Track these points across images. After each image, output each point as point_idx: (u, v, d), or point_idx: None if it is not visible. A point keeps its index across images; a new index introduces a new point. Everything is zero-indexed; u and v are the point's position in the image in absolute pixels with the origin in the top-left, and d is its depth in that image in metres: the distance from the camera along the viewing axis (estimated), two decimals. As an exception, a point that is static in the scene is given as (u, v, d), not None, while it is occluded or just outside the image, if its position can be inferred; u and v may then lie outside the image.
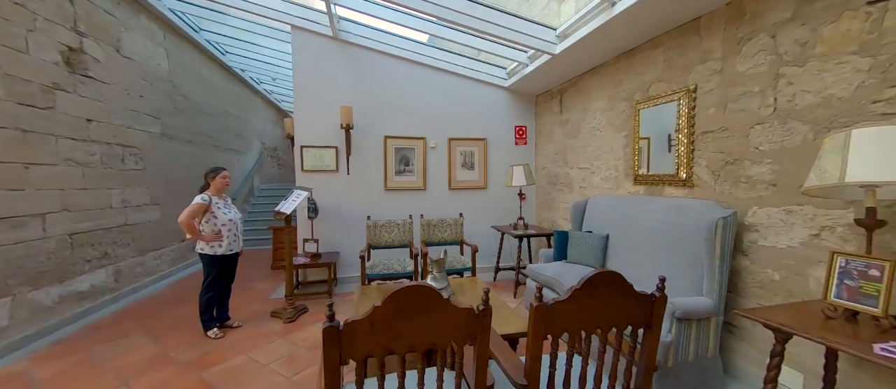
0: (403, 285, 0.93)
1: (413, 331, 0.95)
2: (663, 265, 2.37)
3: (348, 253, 4.10)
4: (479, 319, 0.99)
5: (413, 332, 0.95)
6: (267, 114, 9.00)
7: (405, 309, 0.93)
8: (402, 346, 0.95)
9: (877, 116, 1.54)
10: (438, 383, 1.02)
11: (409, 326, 0.94)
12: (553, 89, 4.16)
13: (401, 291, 0.92)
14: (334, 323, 0.89)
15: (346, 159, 4.04)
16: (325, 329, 0.87)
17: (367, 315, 0.90)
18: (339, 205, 4.08)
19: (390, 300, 0.91)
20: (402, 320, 0.93)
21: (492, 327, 1.06)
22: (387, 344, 0.93)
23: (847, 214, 1.65)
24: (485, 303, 1.00)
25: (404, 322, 0.94)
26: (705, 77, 2.32)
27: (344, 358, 0.91)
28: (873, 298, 1.28)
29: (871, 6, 1.55)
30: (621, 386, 1.18)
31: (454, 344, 1.00)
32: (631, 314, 1.10)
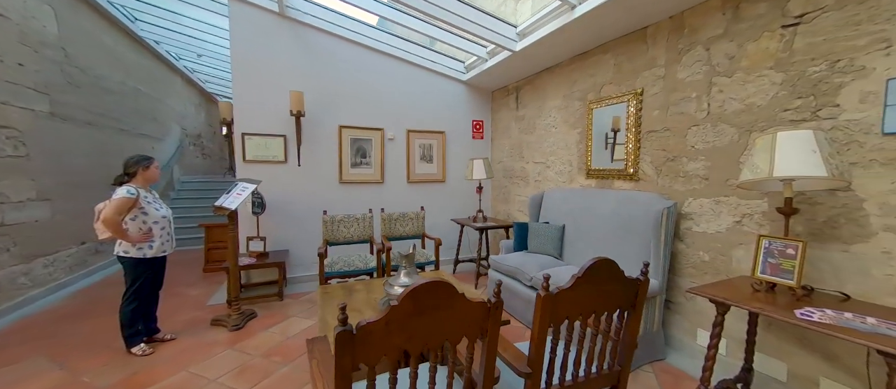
0: (427, 281, 0.88)
1: (428, 329, 0.91)
2: (615, 251, 2.60)
3: (299, 251, 3.81)
4: (490, 312, 0.99)
5: (428, 330, 0.91)
6: (188, 95, 7.90)
7: (422, 306, 0.88)
8: (416, 345, 0.90)
9: (787, 123, 1.87)
10: (449, 380, 0.99)
11: (424, 324, 0.90)
12: (510, 86, 4.30)
13: (419, 288, 0.87)
14: (347, 326, 0.81)
15: (297, 149, 3.72)
16: (340, 333, 0.79)
17: (384, 315, 0.84)
18: (289, 199, 3.75)
19: (408, 298, 0.86)
20: (418, 318, 0.89)
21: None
22: (402, 345, 0.88)
23: (762, 204, 1.98)
24: (496, 296, 0.99)
25: (419, 320, 0.89)
26: (651, 82, 2.58)
27: (356, 363, 0.84)
28: (790, 272, 1.55)
29: (785, 29, 1.86)
30: (607, 365, 1.27)
31: (466, 340, 0.98)
32: (620, 298, 1.19)
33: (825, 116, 1.73)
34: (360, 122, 4.01)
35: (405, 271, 2.14)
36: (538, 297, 1.04)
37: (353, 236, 3.38)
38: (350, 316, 1.97)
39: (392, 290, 2.07)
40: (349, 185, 4.02)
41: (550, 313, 1.05)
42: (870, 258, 1.60)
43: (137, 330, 2.34)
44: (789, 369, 1.88)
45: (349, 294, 2.37)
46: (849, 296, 1.56)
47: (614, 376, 1.29)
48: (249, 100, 3.56)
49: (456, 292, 0.93)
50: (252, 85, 3.56)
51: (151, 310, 2.50)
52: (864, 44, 1.60)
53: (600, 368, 1.24)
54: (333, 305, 2.16)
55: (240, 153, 3.58)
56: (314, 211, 3.83)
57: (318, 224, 3.78)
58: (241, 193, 2.75)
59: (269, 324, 2.81)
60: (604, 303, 1.16)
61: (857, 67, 1.62)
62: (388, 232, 3.54)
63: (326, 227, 3.30)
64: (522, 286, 2.82)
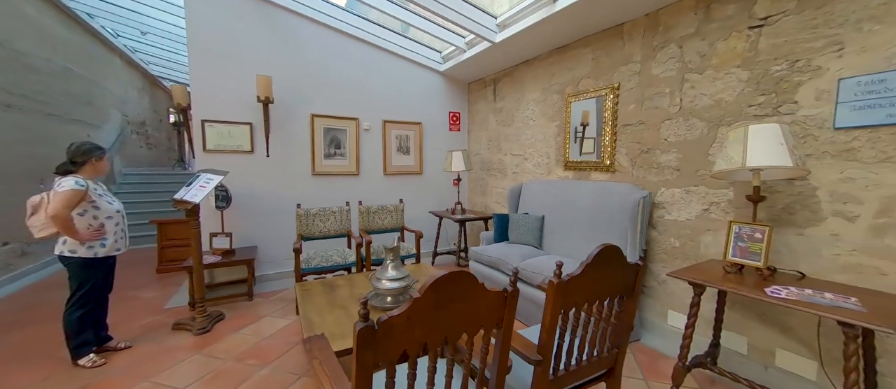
0: (448, 272, 0.84)
1: (448, 321, 0.87)
2: (593, 239, 2.71)
3: (268, 247, 3.58)
4: (507, 301, 0.97)
5: (448, 322, 0.87)
6: (130, 78, 7.11)
7: (443, 298, 0.84)
8: (437, 339, 0.86)
9: (751, 117, 2.02)
10: (466, 373, 0.97)
11: (444, 316, 0.86)
12: (487, 78, 4.30)
13: (441, 280, 0.83)
14: (369, 322, 0.75)
15: (266, 138, 3.47)
16: (361, 329, 0.73)
17: (406, 309, 0.79)
18: (257, 193, 3.51)
19: (430, 290, 0.81)
20: (439, 310, 0.85)
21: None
22: (422, 339, 0.84)
23: (729, 193, 2.14)
24: (513, 285, 0.98)
25: (440, 312, 0.85)
26: (627, 77, 2.69)
27: (377, 360, 0.79)
28: (757, 255, 1.69)
29: (751, 30, 2.01)
30: (606, 349, 1.31)
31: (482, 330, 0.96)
32: (621, 283, 1.22)
33: (785, 112, 1.89)
34: (334, 111, 3.82)
35: (393, 264, 2.08)
36: (550, 284, 1.04)
37: (329, 230, 3.24)
38: (334, 313, 1.89)
39: (379, 284, 2.00)
40: (323, 177, 3.83)
41: (562, 300, 1.06)
42: (820, 240, 1.79)
43: (86, 340, 2.07)
44: (749, 342, 2.07)
45: (331, 290, 2.27)
46: (804, 275, 1.74)
47: (612, 358, 1.33)
48: (210, 84, 3.26)
49: (476, 282, 0.90)
50: (213, 67, 3.26)
51: (101, 317, 2.23)
52: (820, 46, 1.76)
53: (601, 351, 1.27)
54: (315, 303, 2.06)
55: (199, 142, 3.27)
56: (285, 205, 3.62)
57: (290, 218, 3.58)
58: (205, 185, 2.52)
59: (240, 326, 2.62)
60: (608, 289, 1.19)
61: (813, 67, 1.79)
62: (366, 225, 3.42)
63: (301, 221, 3.12)
64: (506, 276, 2.86)
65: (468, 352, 0.96)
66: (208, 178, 2.57)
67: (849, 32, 1.67)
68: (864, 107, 1.63)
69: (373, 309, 1.98)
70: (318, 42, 3.68)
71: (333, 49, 3.76)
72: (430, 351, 0.87)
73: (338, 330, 1.72)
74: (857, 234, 1.68)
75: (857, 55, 1.65)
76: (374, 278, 2.08)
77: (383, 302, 2.04)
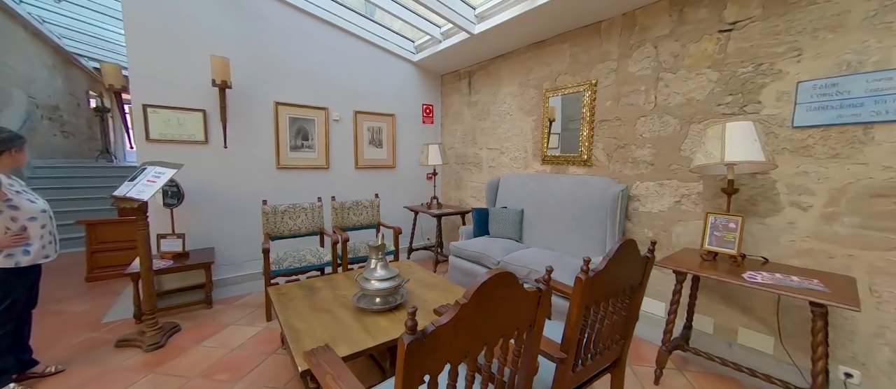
0: (493, 273, 0.77)
1: (489, 326, 0.81)
2: (573, 231, 2.79)
3: (227, 248, 3.25)
4: (541, 300, 0.93)
5: (489, 327, 0.81)
6: (38, 54, 6.04)
7: (487, 302, 0.78)
8: (478, 345, 0.80)
9: (720, 115, 2.18)
10: (500, 376, 0.91)
11: (487, 321, 0.80)
12: (462, 70, 4.24)
13: (488, 282, 0.76)
14: (417, 334, 0.66)
15: (223, 128, 3.11)
16: (412, 342, 0.64)
17: (453, 316, 0.71)
18: (212, 188, 3.14)
19: (477, 295, 0.74)
20: (482, 315, 0.78)
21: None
22: (465, 347, 0.77)
23: (698, 186, 2.30)
24: (546, 284, 0.94)
25: (483, 317, 0.79)
26: (604, 74, 2.78)
27: (422, 374, 0.70)
28: (731, 243, 1.83)
29: (721, 34, 2.15)
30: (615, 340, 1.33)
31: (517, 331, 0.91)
32: (634, 275, 1.24)
33: (750, 111, 2.06)
34: (301, 100, 3.54)
35: (380, 263, 1.97)
36: (578, 281, 1.02)
37: (300, 228, 3.00)
38: (319, 318, 1.74)
39: (368, 285, 1.88)
40: (289, 171, 3.54)
41: (589, 295, 1.04)
42: (779, 228, 1.98)
43: (5, 368, 1.70)
44: (715, 323, 2.25)
45: (310, 292, 2.10)
46: (767, 260, 1.92)
47: (618, 349, 1.36)
48: (153, 63, 2.83)
49: (516, 282, 0.84)
50: (157, 44, 2.84)
51: (23, 337, 1.85)
52: (781, 51, 1.93)
53: (611, 343, 1.29)
54: (295, 307, 1.89)
55: (140, 130, 2.85)
56: (246, 201, 3.29)
57: (252, 216, 3.27)
58: (156, 180, 2.19)
59: (201, 337, 2.33)
60: (624, 282, 1.20)
61: (775, 71, 1.96)
62: (340, 222, 3.22)
63: (267, 219, 2.85)
64: (488, 269, 2.85)
65: (503, 357, 0.90)
66: (158, 172, 2.23)
67: (806, 40, 1.85)
68: (818, 108, 1.82)
69: (361, 312, 1.86)
70: (283, 22, 3.36)
71: (300, 31, 3.46)
72: (471, 359, 0.81)
73: (328, 337, 1.58)
74: (809, 222, 1.88)
75: (813, 61, 1.83)
76: (360, 278, 1.95)
77: (372, 303, 1.92)
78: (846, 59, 1.74)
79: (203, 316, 2.65)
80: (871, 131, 1.69)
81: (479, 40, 3.37)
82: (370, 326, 1.69)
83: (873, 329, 1.73)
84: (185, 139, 3.00)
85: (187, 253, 2.86)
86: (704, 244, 1.92)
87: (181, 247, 2.80)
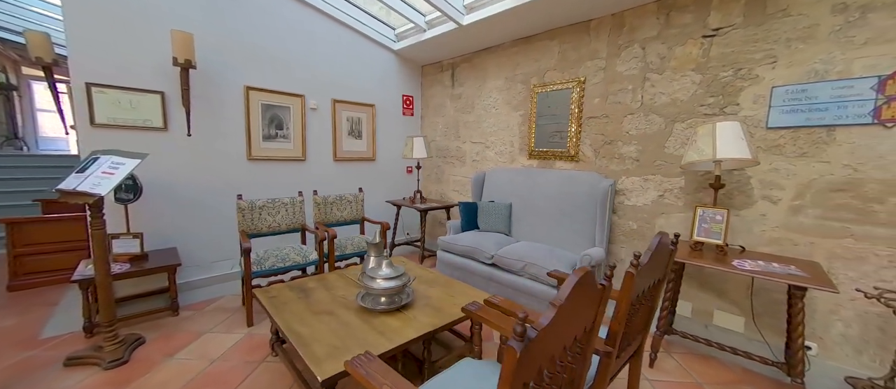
0: (582, 272, 0.74)
1: (571, 327, 0.78)
2: (561, 225, 2.87)
3: (192, 248, 2.92)
4: (602, 295, 0.92)
5: (571, 328, 0.78)
6: (-74, 17, 4.98)
7: (574, 301, 0.75)
8: (561, 347, 0.77)
9: (702, 116, 2.34)
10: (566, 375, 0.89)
11: (569, 321, 0.77)
12: (444, 62, 4.16)
13: (581, 282, 0.73)
14: (525, 341, 0.62)
15: (186, 113, 2.77)
16: (524, 349, 0.59)
17: (552, 318, 0.67)
18: (173, 181, 2.80)
19: (571, 295, 0.71)
20: (568, 316, 0.75)
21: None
22: (554, 351, 0.73)
23: (680, 181, 2.47)
24: (608, 280, 0.93)
25: (568, 317, 0.76)
26: (593, 72, 2.87)
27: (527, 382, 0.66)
28: (718, 234, 1.98)
29: (705, 39, 2.30)
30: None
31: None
32: (661, 268, 1.29)
33: (730, 112, 2.23)
34: (275, 85, 3.25)
35: (385, 261, 1.88)
36: (630, 276, 1.02)
37: (280, 225, 2.77)
38: (323, 322, 1.62)
39: (373, 284, 1.79)
40: (261, 163, 3.25)
41: (636, 288, 1.05)
42: (752, 219, 2.18)
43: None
44: (693, 306, 2.44)
45: (304, 294, 1.97)
46: (744, 248, 2.10)
47: (640, 339, 1.41)
48: (99, 35, 2.44)
49: (595, 280, 0.82)
50: (103, 13, 2.44)
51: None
52: (759, 57, 2.11)
53: (636, 334, 1.33)
54: (292, 310, 1.75)
55: (83, 113, 2.44)
56: (213, 196, 2.98)
57: (221, 211, 2.98)
58: (114, 172, 1.89)
59: (174, 348, 2.08)
60: (654, 275, 1.23)
61: (753, 76, 2.13)
62: (323, 218, 3.03)
63: (244, 215, 2.60)
64: (480, 264, 2.84)
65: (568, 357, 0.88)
66: (116, 163, 1.93)
67: (781, 48, 2.03)
68: (790, 111, 2.01)
69: (367, 312, 1.76)
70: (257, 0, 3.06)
71: (273, 9, 3.17)
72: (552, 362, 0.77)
73: (338, 342, 1.47)
74: (779, 214, 2.09)
75: (787, 68, 2.02)
76: (364, 277, 1.84)
77: (377, 303, 1.83)
78: (815, 68, 1.94)
79: (169, 324, 2.36)
80: (834, 133, 1.90)
81: (465, 32, 3.32)
82: (382, 328, 1.60)
83: (830, 307, 1.97)
84: (140, 125, 2.63)
85: (146, 254, 2.52)
86: (693, 235, 2.06)
87: (139, 249, 2.46)
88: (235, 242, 3.11)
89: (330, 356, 1.37)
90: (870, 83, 1.79)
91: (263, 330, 2.29)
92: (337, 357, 1.35)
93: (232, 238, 3.09)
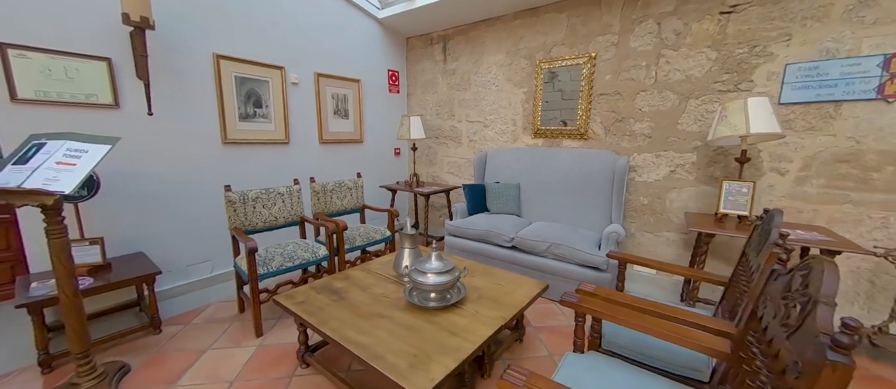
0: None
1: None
2: (576, 204, 2.87)
3: (161, 251, 2.44)
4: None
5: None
6: None
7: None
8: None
9: (716, 92, 2.41)
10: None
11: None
12: (434, 34, 3.86)
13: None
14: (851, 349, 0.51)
15: (145, 86, 2.23)
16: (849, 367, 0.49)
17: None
18: (130, 171, 2.28)
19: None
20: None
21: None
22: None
23: (692, 156, 2.55)
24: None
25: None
26: (604, 47, 2.82)
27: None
28: (744, 206, 2.08)
29: (722, 15, 2.34)
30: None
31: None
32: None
33: (744, 89, 2.32)
34: (250, 54, 2.76)
35: (434, 253, 1.69)
36: (774, 255, 0.97)
37: (277, 219, 2.40)
38: (379, 325, 1.42)
39: (424, 279, 1.61)
40: (239, 147, 2.78)
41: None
42: (761, 189, 2.33)
43: None
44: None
45: (337, 296, 1.73)
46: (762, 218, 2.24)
47: (716, 313, 1.41)
48: (13, -23, 1.82)
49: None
50: (17, -53, 1.82)
51: None
52: (774, 35, 2.19)
53: (723, 309, 1.32)
54: (335, 317, 1.52)
55: (1, 84, 1.85)
56: (184, 187, 2.50)
57: (193, 205, 2.54)
58: (75, 162, 1.44)
59: (172, 374, 1.71)
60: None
61: (768, 53, 2.22)
62: (322, 208, 2.70)
63: (235, 210, 2.20)
64: (499, 248, 2.75)
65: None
66: (76, 150, 1.47)
67: (796, 26, 2.13)
68: (802, 87, 2.14)
69: (422, 311, 1.58)
70: (220, -54, 2.51)
71: (244, -38, 2.64)
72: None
73: (413, 348, 1.29)
74: (786, 185, 2.25)
75: (800, 46, 2.12)
76: (413, 271, 1.65)
77: (425, 299, 1.65)
78: (827, 46, 2.06)
79: (154, 345, 1.95)
80: (841, 108, 2.06)
81: (463, 0, 3.07)
82: (450, 326, 1.44)
83: (827, 267, 2.18)
84: (82, 101, 2.06)
85: (109, 264, 2.03)
86: (719, 208, 2.15)
87: (100, 257, 1.97)
88: (212, 241, 2.66)
89: (414, 366, 1.18)
90: (876, 61, 1.94)
91: (277, 340, 1.99)
92: (422, 368, 1.17)
93: (208, 236, 2.64)
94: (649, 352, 1.22)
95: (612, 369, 1.10)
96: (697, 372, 1.14)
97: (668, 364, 1.18)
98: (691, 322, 1.10)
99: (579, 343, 1.22)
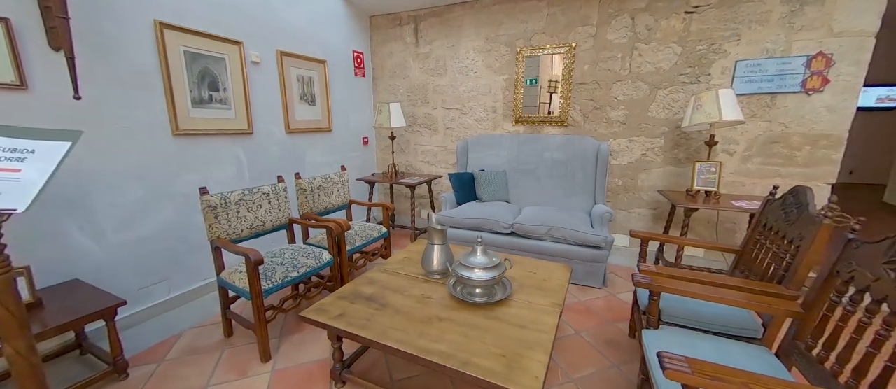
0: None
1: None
2: (562, 187, 3.03)
3: (103, 275, 1.92)
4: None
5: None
6: None
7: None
8: None
9: (681, 84, 2.74)
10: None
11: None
12: (403, 14, 3.62)
13: None
14: None
15: (68, 61, 1.66)
16: None
17: None
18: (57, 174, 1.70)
19: None
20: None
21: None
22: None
23: (660, 141, 2.88)
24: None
25: None
26: (583, 38, 2.98)
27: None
28: (712, 183, 2.43)
29: (686, 14, 2.65)
30: (736, 269, 1.59)
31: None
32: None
33: (703, 81, 2.68)
34: (202, 25, 2.25)
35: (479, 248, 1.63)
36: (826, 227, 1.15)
37: (264, 223, 2.05)
38: (445, 328, 1.38)
39: (471, 275, 1.56)
40: (194, 138, 2.29)
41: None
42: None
43: None
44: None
45: (375, 304, 1.58)
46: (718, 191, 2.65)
47: (730, 277, 1.64)
48: None
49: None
50: None
51: None
52: (727, 35, 2.56)
53: (743, 273, 1.54)
54: (391, 326, 1.41)
55: None
56: (129, 193, 1.98)
57: (141, 214, 2.03)
58: (18, 168, 1.02)
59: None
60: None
61: (722, 50, 2.59)
62: (311, 206, 2.39)
63: (216, 216, 1.81)
64: (497, 235, 2.77)
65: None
66: (16, 150, 1.04)
67: (744, 28, 2.51)
68: (748, 81, 2.55)
69: (477, 308, 1.53)
70: None
71: None
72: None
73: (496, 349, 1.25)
74: (734, 163, 2.70)
75: (747, 45, 2.52)
76: (458, 266, 1.57)
77: (470, 295, 1.60)
78: (767, 47, 2.47)
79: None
80: (776, 99, 2.51)
81: (448, -20, 2.95)
82: (519, 321, 1.42)
83: (762, 229, 2.70)
84: (-33, 78, 1.46)
85: (39, 299, 1.52)
86: (693, 185, 2.48)
87: (28, 293, 1.45)
88: (168, 258, 2.18)
89: (510, 367, 1.14)
90: (801, 60, 2.40)
91: (291, 361, 1.73)
92: (519, 367, 1.14)
93: (161, 250, 2.15)
94: (705, 320, 1.37)
95: (690, 339, 1.20)
96: (753, 331, 1.31)
97: (724, 327, 1.34)
98: (750, 289, 1.25)
99: (653, 320, 1.30)
